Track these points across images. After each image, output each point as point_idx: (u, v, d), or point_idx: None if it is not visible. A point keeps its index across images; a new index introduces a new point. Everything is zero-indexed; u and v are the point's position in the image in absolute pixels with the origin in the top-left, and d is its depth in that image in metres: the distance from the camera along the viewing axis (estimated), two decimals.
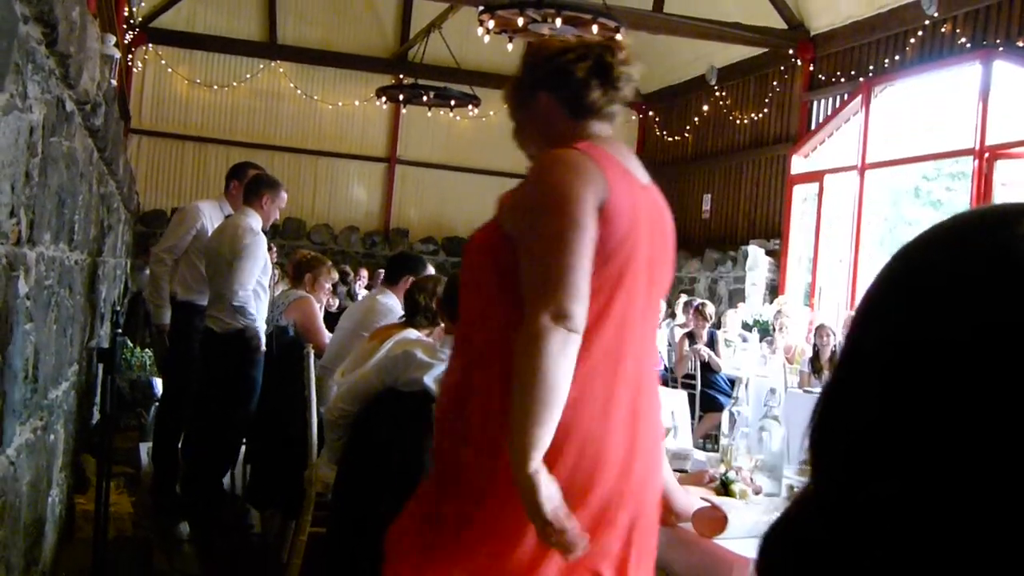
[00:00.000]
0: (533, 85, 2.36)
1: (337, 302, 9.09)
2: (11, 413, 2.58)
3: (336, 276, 7.63)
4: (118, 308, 6.87)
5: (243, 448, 5.87)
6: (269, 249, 6.00)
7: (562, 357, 2.04)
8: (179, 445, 5.92)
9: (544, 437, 2.02)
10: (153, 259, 6.12)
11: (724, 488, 2.99)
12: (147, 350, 8.31)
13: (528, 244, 2.16)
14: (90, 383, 5.90)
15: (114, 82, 5.81)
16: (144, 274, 10.84)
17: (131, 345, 8.02)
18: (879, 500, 0.68)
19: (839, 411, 0.74)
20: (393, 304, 5.01)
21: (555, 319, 2.04)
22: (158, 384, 7.52)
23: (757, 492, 3.01)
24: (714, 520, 2.65)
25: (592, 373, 2.15)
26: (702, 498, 2.80)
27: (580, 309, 2.07)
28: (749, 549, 2.54)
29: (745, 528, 2.62)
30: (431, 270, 5.20)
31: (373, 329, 4.56)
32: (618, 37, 10.02)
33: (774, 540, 0.77)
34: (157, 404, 6.92)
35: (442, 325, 3.89)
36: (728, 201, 15.19)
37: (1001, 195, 10.40)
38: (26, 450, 2.97)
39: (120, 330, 4.82)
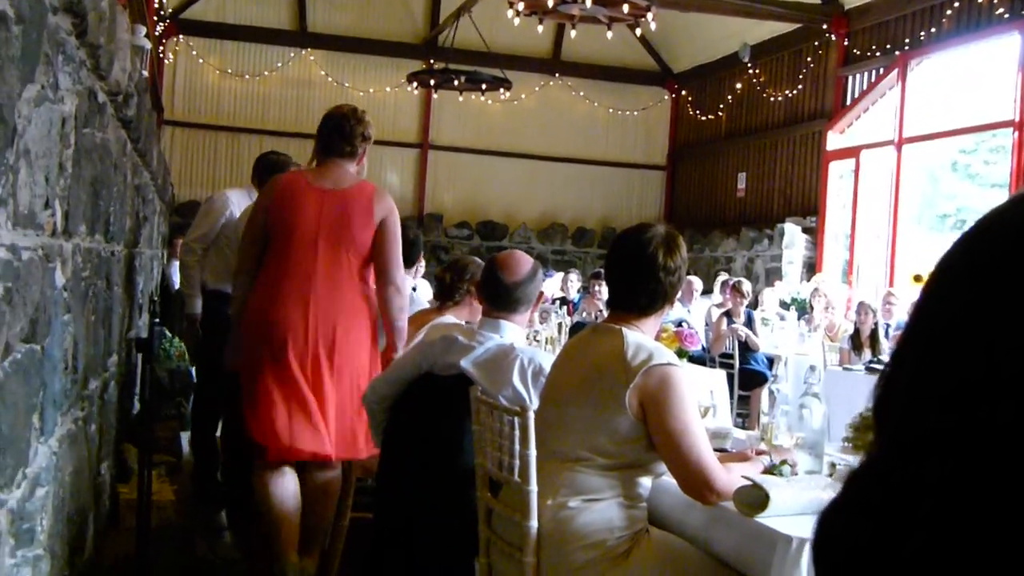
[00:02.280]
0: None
1: None
2: (52, 404, 2.60)
3: None
4: (155, 298, 6.90)
5: None
6: None
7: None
8: (217, 433, 5.95)
9: None
10: (183, 249, 6.11)
11: (771, 473, 2.95)
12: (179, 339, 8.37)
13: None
14: (130, 373, 5.95)
15: (145, 73, 5.83)
16: (171, 264, 10.94)
17: (169, 335, 8.07)
18: (926, 483, 0.66)
19: (897, 385, 0.73)
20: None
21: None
22: None
23: (794, 473, 2.98)
24: (756, 499, 2.62)
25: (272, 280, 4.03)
26: (743, 476, 2.77)
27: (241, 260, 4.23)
28: (791, 527, 2.52)
29: (787, 507, 2.60)
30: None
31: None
32: (649, 17, 9.94)
33: (830, 517, 0.75)
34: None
35: (476, 306, 3.88)
36: (763, 179, 15.06)
37: None
38: (68, 440, 3.00)
39: (158, 320, 4.84)
